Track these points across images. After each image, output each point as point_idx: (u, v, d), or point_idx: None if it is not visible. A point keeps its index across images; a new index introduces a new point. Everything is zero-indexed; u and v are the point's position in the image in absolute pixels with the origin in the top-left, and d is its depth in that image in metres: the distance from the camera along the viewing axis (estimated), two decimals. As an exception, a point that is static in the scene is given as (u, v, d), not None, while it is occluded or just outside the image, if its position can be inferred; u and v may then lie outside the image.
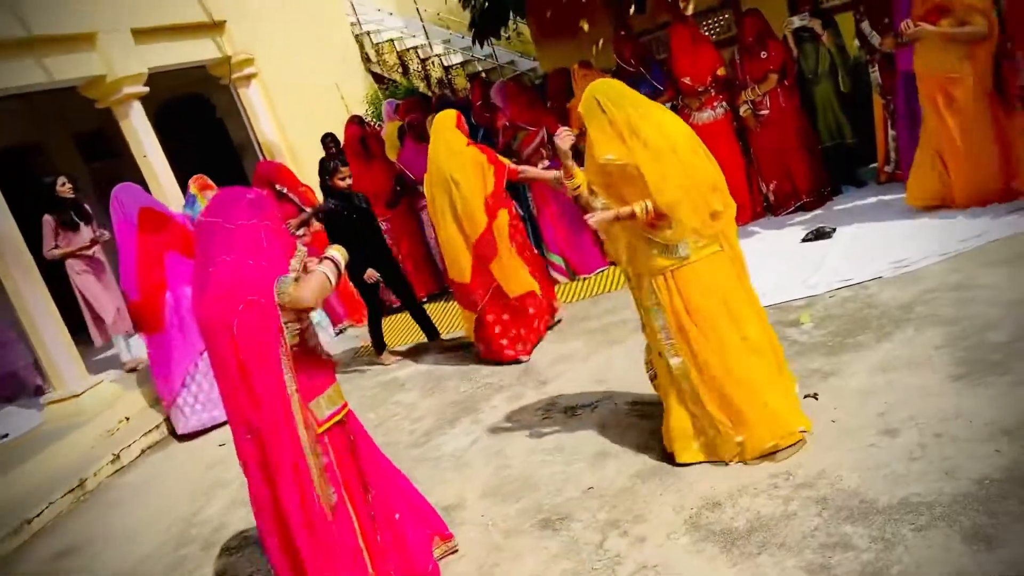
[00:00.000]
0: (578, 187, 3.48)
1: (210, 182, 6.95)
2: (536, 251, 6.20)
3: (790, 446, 3.28)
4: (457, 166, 5.20)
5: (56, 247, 6.70)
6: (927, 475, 2.88)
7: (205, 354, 5.69)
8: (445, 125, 5.33)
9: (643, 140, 3.20)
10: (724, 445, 3.35)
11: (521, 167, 3.77)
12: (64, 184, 6.72)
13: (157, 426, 6.04)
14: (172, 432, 6.10)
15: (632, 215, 3.24)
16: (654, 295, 3.39)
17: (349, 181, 5.77)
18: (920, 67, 5.22)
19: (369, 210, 6.02)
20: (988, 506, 2.63)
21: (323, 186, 5.88)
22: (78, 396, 6.10)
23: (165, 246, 5.95)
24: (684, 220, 3.21)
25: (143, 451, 5.85)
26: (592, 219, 3.36)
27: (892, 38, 5.82)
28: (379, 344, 6.31)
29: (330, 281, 2.83)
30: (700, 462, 3.41)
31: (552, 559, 3.15)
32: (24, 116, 9.00)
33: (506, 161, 5.34)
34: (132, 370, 6.86)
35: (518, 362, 5.32)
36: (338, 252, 2.94)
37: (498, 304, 5.35)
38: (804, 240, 5.73)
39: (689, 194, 3.21)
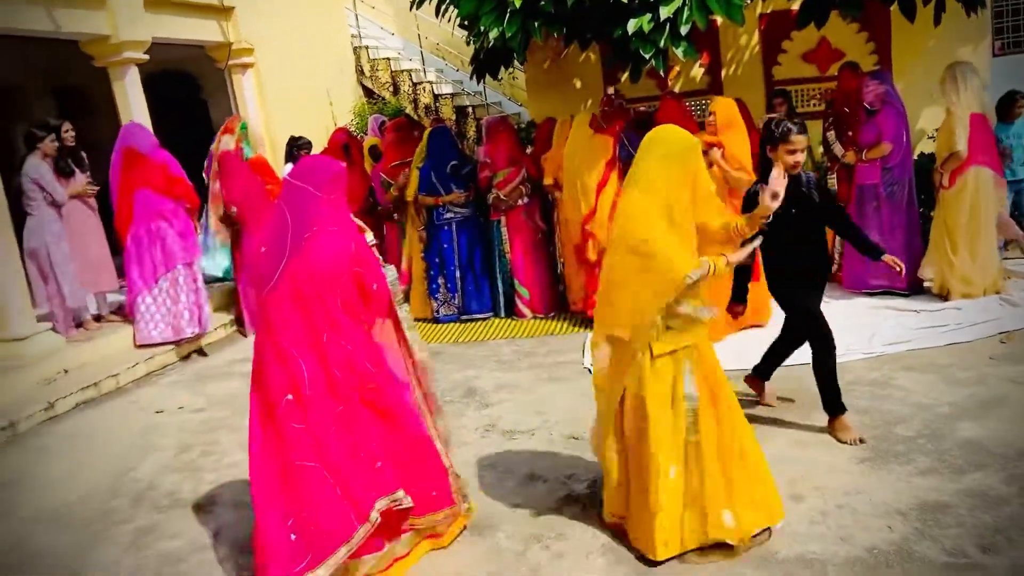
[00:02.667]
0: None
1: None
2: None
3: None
4: (583, 153, 6.51)
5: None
6: (824, 538, 3.21)
7: (159, 284, 6.75)
8: (581, 122, 6.64)
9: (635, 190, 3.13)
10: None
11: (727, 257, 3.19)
12: (68, 131, 6.69)
13: (96, 383, 6.04)
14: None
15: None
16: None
17: (800, 156, 3.84)
18: None
19: (823, 202, 4.07)
20: (875, 572, 2.97)
21: (762, 159, 4.02)
22: (21, 340, 6.09)
23: (136, 183, 6.66)
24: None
25: (78, 404, 5.84)
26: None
27: (854, 152, 6.36)
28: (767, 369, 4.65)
29: None
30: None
31: (475, 561, 3.36)
32: (8, 60, 8.95)
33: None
34: (79, 325, 6.83)
35: None
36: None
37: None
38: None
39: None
